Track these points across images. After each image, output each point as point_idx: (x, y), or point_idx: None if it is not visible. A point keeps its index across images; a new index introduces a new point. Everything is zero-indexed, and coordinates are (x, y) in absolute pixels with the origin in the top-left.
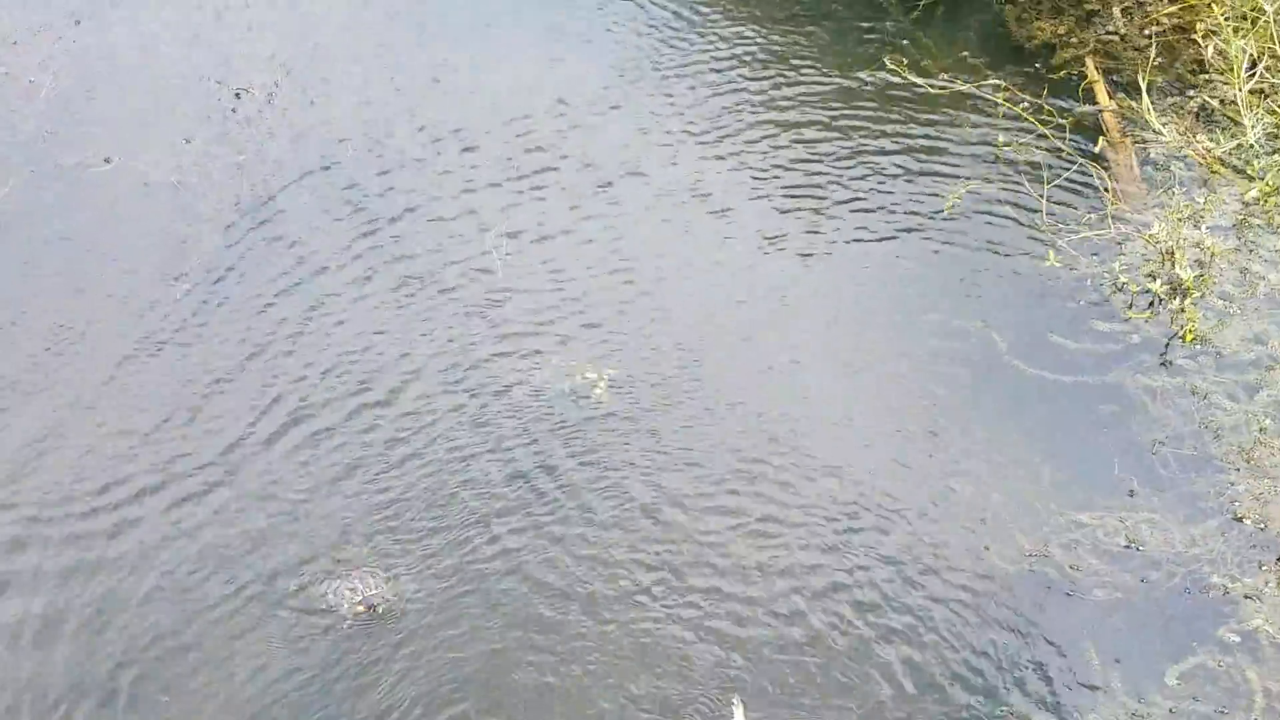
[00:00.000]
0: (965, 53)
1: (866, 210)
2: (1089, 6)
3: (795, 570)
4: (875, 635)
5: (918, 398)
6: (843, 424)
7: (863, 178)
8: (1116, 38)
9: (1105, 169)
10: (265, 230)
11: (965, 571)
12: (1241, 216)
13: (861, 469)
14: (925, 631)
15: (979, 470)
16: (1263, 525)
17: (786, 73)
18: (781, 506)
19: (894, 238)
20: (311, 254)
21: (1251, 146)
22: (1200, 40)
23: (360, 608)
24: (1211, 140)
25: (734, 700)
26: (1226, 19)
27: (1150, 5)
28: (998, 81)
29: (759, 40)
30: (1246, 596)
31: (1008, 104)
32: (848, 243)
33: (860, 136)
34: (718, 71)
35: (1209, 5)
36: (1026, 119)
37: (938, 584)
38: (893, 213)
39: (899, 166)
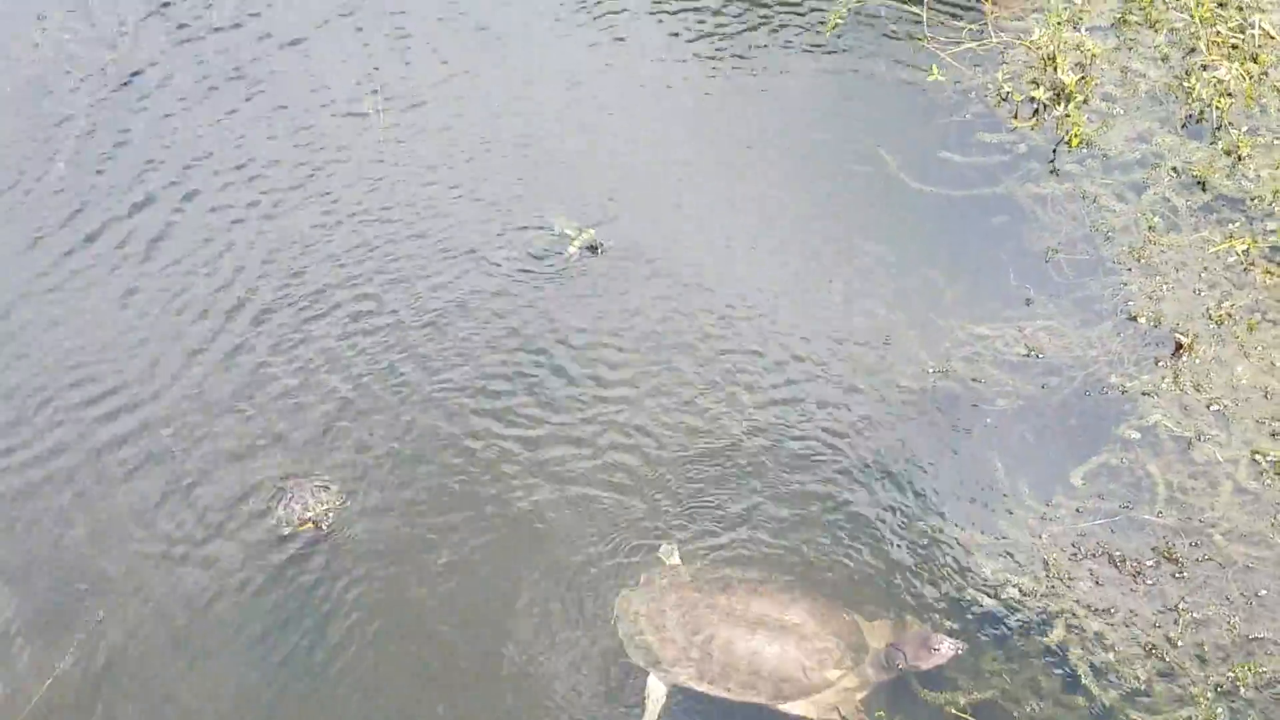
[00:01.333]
0: None
1: (754, 40)
2: None
3: (700, 403)
4: (787, 458)
5: (811, 222)
6: (738, 252)
7: (746, 9)
8: None
9: None
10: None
11: (871, 392)
12: (1120, 14)
13: (760, 297)
14: (835, 452)
15: (879, 291)
16: (1156, 323)
17: None
18: (683, 339)
19: (781, 64)
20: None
21: None
22: None
23: (309, 524)
24: None
25: (666, 545)
26: None
27: None
28: None
29: None
30: (1144, 393)
31: None
32: (735, 71)
33: None
34: None
35: None
36: None
37: (845, 406)
38: (777, 36)
39: None
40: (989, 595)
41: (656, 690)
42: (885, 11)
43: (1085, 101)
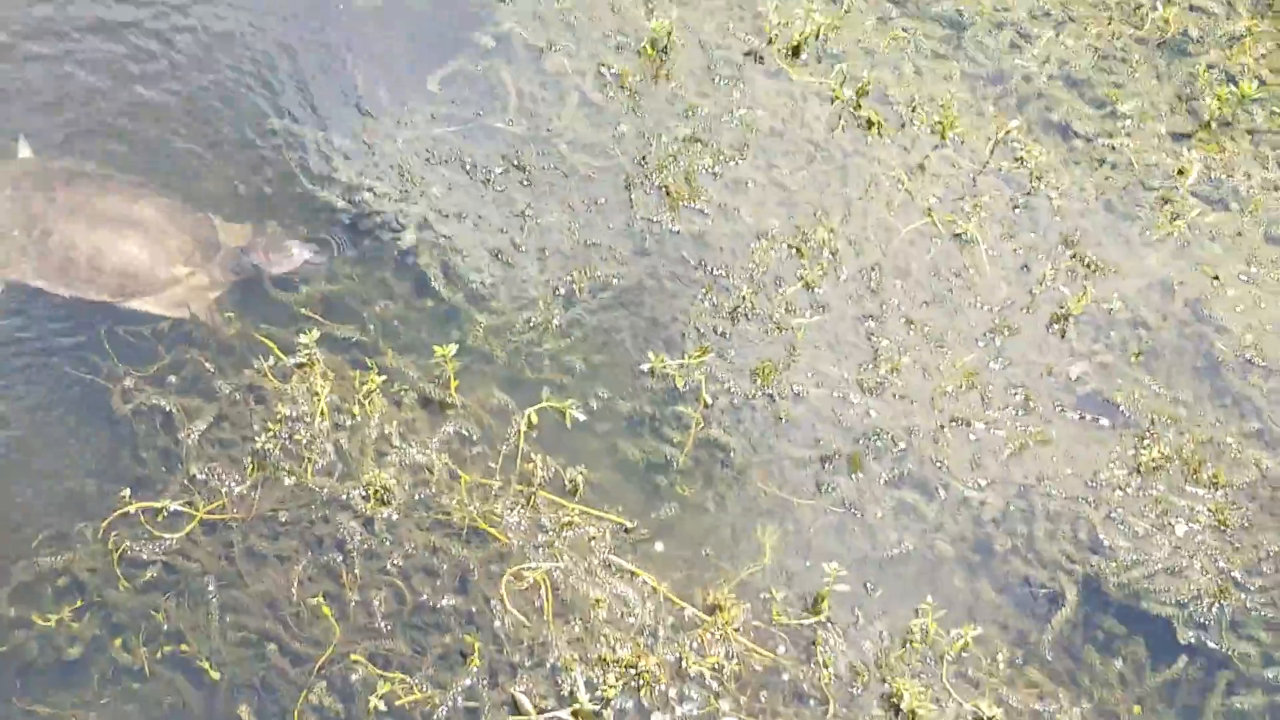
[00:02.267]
0: None
1: None
2: None
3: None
4: (166, 80)
5: None
6: None
7: None
8: None
9: None
10: None
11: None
12: None
13: None
14: (185, 58)
15: None
16: None
17: None
18: None
19: None
20: None
21: None
22: None
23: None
24: None
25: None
26: None
27: None
28: None
29: None
30: (500, 0)
31: None
32: None
33: None
34: None
35: None
36: None
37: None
38: None
39: None
40: (343, 199)
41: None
42: None
43: None
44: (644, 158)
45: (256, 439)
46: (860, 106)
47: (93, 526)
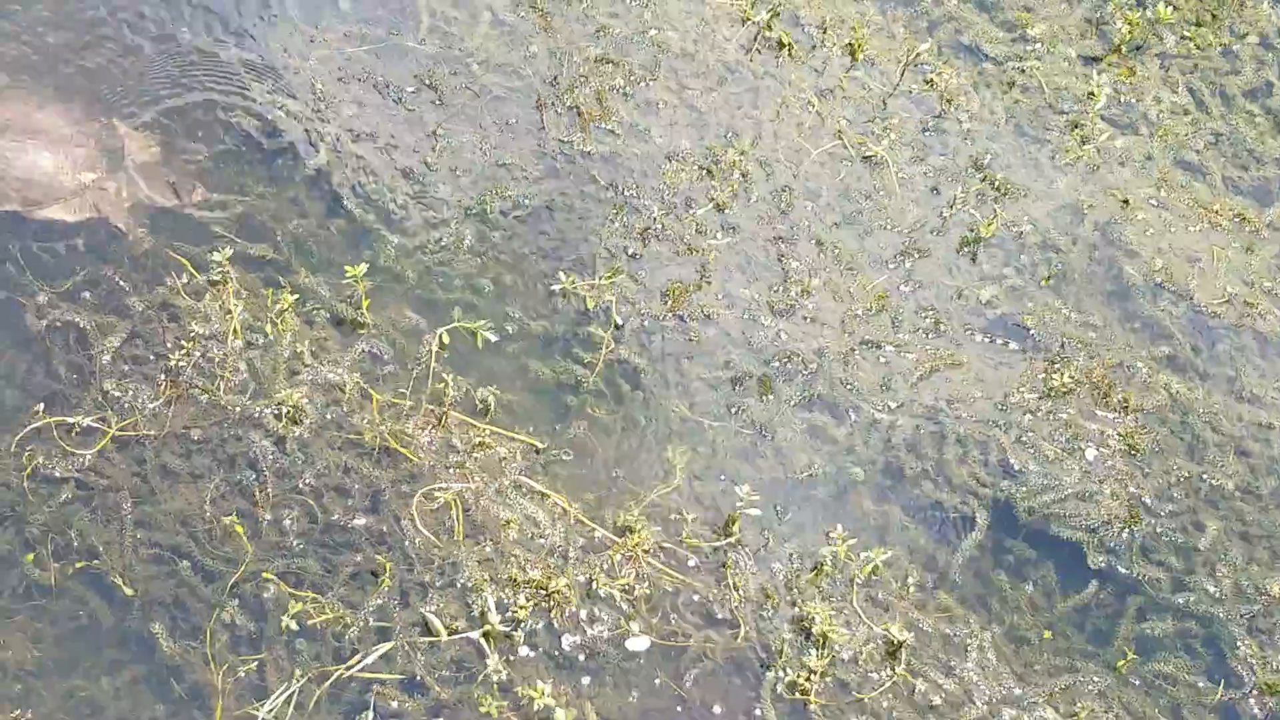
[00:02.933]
0: None
1: None
2: None
3: None
4: None
5: None
6: None
7: None
8: None
9: None
10: None
11: None
12: None
13: None
14: None
15: None
16: None
17: None
18: None
19: None
20: None
21: None
22: None
23: None
24: None
25: None
26: None
27: None
28: None
29: None
30: None
31: None
32: None
33: None
34: None
35: None
36: None
37: None
38: None
39: None
40: (255, 117)
41: None
42: None
43: None
44: (555, 78)
45: (170, 356)
46: (771, 28)
47: (4, 441)
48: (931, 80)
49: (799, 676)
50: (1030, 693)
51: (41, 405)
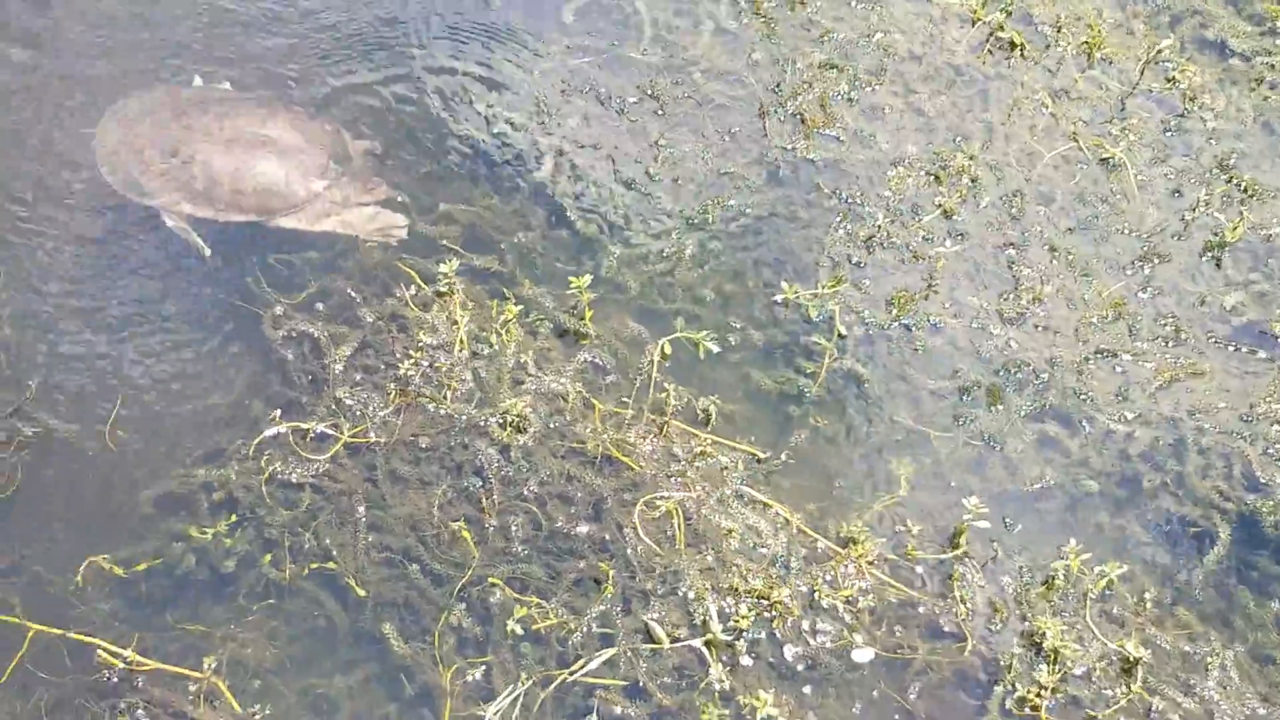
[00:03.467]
0: None
1: None
2: None
3: None
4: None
5: None
6: None
7: None
8: None
9: None
10: None
11: None
12: None
13: None
14: None
15: None
16: None
17: None
18: None
19: None
20: None
21: None
22: None
23: None
24: None
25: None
26: None
27: None
28: None
29: None
30: None
31: None
32: None
33: None
34: None
35: None
36: None
37: None
38: None
39: None
40: (480, 131)
41: (170, 222)
42: None
43: None
44: (778, 85)
45: (399, 366)
46: (1003, 28)
47: (245, 446)
48: (1173, 78)
49: (1029, 692)
50: (1276, 713)
51: (278, 412)
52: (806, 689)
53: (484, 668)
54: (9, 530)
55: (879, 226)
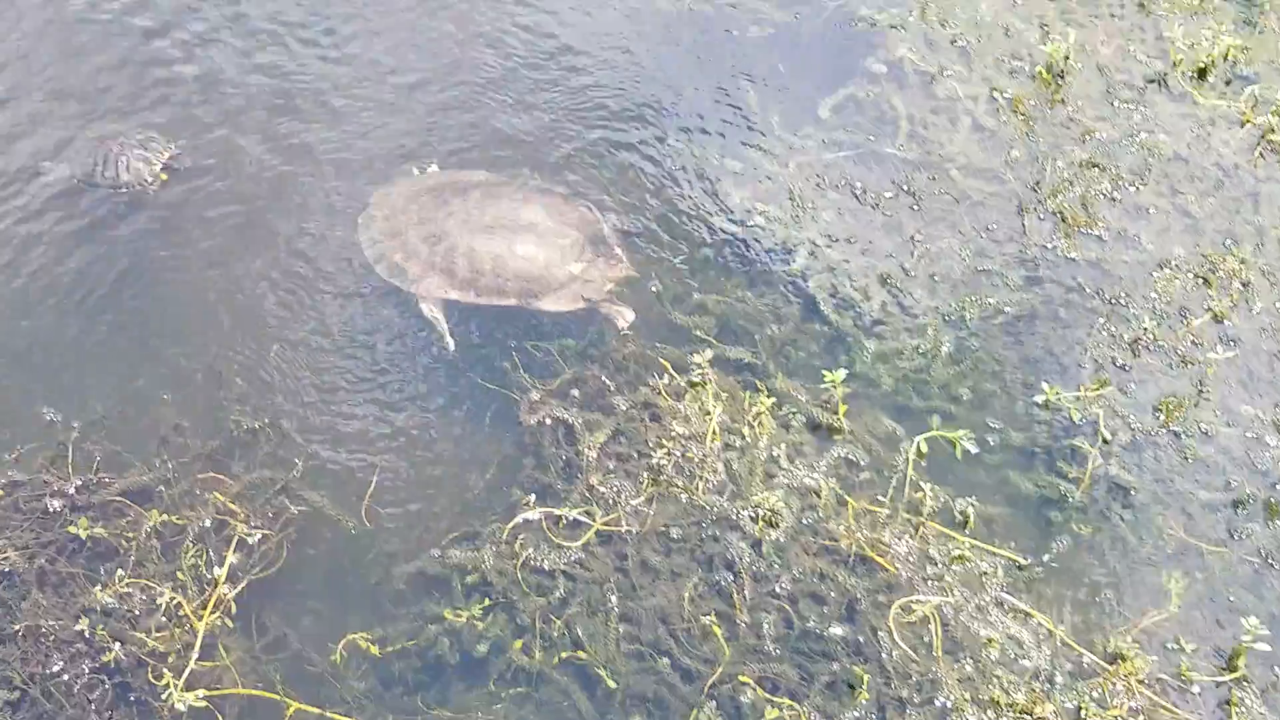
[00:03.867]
0: None
1: None
2: None
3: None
4: (535, 77)
5: None
6: None
7: None
8: None
9: None
10: None
11: (623, 13)
12: None
13: None
14: (580, 74)
15: None
16: None
17: None
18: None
19: None
20: None
21: None
22: None
23: (162, 174)
24: None
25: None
26: None
27: None
28: None
29: None
30: (891, 27)
31: None
32: None
33: None
34: None
35: None
36: None
37: (596, 27)
38: None
39: None
40: (735, 222)
41: (426, 308)
42: None
43: None
44: (1037, 183)
45: (651, 455)
46: (1275, 130)
47: (500, 531)
48: None
49: None
50: None
51: (533, 496)
52: None
53: None
54: (275, 606)
55: (1145, 329)
